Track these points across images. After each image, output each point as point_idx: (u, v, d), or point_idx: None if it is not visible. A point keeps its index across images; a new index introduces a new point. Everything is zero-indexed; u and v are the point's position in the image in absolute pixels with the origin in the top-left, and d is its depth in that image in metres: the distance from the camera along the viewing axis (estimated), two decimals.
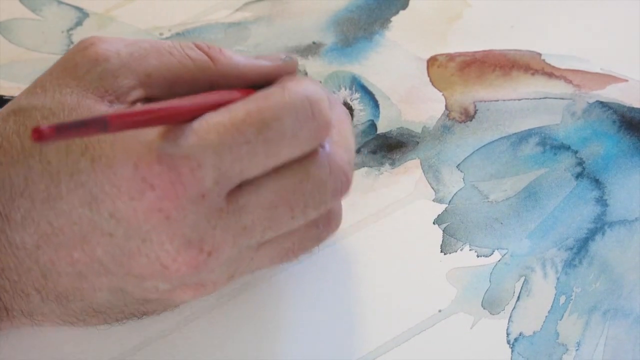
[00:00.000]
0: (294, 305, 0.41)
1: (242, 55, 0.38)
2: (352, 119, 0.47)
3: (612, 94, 0.48)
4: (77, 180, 0.33)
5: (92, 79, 0.35)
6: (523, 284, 0.42)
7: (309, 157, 0.36)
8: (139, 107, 0.34)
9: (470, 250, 0.43)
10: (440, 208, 0.45)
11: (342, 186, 0.37)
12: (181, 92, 0.36)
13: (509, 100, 0.48)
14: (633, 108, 0.48)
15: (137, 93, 0.36)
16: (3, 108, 0.37)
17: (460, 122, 0.47)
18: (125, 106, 0.35)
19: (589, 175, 0.45)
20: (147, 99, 0.36)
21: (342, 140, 0.38)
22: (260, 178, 0.35)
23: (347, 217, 0.41)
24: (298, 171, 0.36)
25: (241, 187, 0.35)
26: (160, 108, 0.33)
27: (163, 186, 0.33)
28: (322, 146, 0.37)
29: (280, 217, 0.36)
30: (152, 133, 0.33)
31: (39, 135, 0.28)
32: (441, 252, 0.43)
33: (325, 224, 0.39)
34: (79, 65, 0.36)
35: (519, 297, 0.42)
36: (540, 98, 0.48)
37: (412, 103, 0.48)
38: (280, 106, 0.35)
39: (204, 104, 0.35)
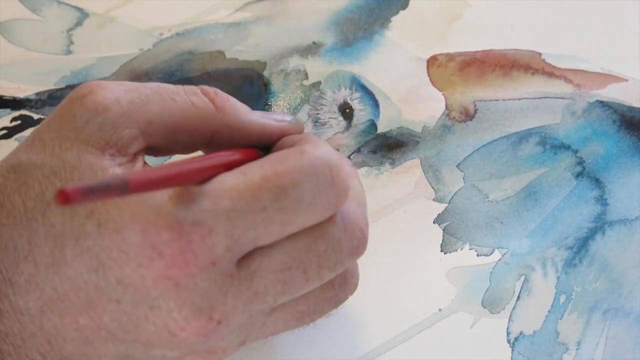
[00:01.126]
0: None
1: (248, 109, 0.36)
2: (352, 118, 0.47)
3: (612, 93, 0.48)
4: (82, 245, 0.32)
5: (92, 130, 0.33)
6: (523, 283, 0.42)
7: None
8: (157, 168, 0.32)
9: (470, 249, 0.43)
10: (440, 207, 0.44)
11: (359, 244, 0.35)
12: (183, 140, 0.35)
13: (509, 99, 0.48)
14: (633, 107, 0.48)
15: (139, 144, 0.34)
16: (1, 163, 0.35)
17: (460, 122, 0.47)
18: (127, 159, 0.34)
19: (589, 175, 0.45)
20: (148, 148, 0.35)
21: (355, 195, 0.36)
22: (272, 242, 0.33)
23: None
24: (311, 230, 0.34)
25: (252, 252, 0.33)
26: (177, 169, 0.31)
27: (172, 254, 0.31)
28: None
29: (293, 280, 0.34)
30: (161, 196, 0.32)
31: (64, 198, 0.27)
32: (441, 251, 0.43)
33: (341, 284, 0.36)
34: (77, 115, 0.34)
35: (519, 297, 0.42)
36: (540, 98, 0.48)
37: (412, 103, 0.48)
38: (299, 171, 0.33)
39: (219, 163, 0.33)
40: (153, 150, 0.35)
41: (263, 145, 0.37)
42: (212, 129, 0.35)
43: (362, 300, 0.41)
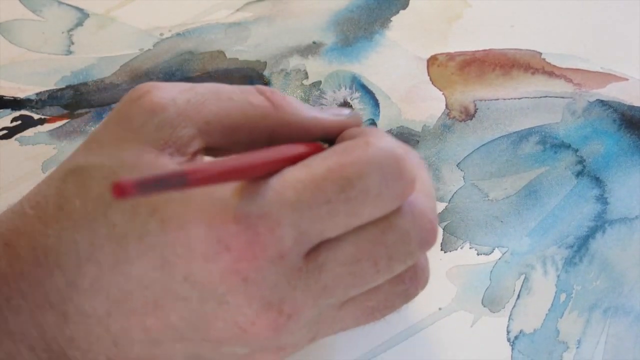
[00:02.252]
0: None
1: (305, 105, 0.36)
2: None
3: (612, 92, 0.48)
4: (146, 243, 0.31)
5: (150, 131, 0.33)
6: (523, 282, 0.42)
7: None
8: (217, 161, 0.31)
9: (470, 248, 0.43)
10: (440, 206, 0.44)
11: (429, 235, 0.34)
12: (241, 139, 0.34)
13: (509, 99, 0.48)
14: (633, 107, 0.48)
15: (197, 143, 0.33)
16: (59, 167, 0.34)
17: (461, 121, 0.47)
18: (186, 158, 0.33)
19: (589, 174, 0.45)
20: (207, 148, 0.34)
21: (423, 187, 0.35)
22: (339, 235, 0.33)
23: None
24: (379, 222, 0.33)
25: (319, 245, 0.32)
26: (238, 163, 0.31)
27: (240, 247, 0.31)
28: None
29: (363, 272, 0.33)
30: (225, 191, 0.32)
31: (120, 190, 0.26)
32: (441, 250, 0.43)
33: (411, 278, 0.35)
34: (135, 116, 0.33)
35: (519, 295, 0.42)
36: (540, 97, 0.48)
37: (412, 102, 0.48)
38: (365, 162, 0.32)
39: (282, 157, 0.33)
40: (212, 150, 0.35)
41: (324, 140, 0.36)
42: (271, 127, 0.35)
43: None
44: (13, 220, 0.34)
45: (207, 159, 0.35)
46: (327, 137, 0.36)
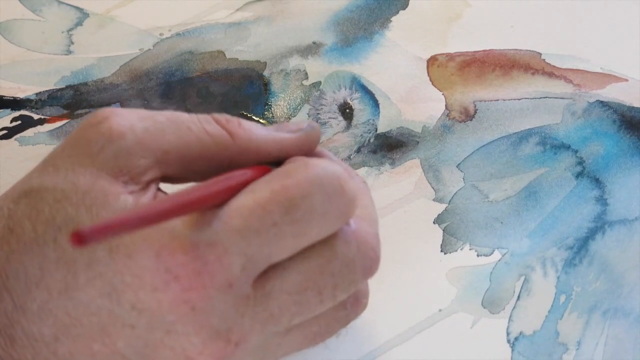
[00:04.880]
0: None
1: (262, 128, 0.36)
2: (352, 118, 0.47)
3: (612, 93, 0.48)
4: (95, 270, 0.31)
5: (107, 158, 0.33)
6: (523, 283, 0.42)
7: (334, 235, 0.34)
8: (167, 198, 0.31)
9: (470, 249, 0.43)
10: (440, 207, 0.44)
11: (372, 263, 0.35)
12: (199, 169, 0.34)
13: (509, 99, 0.48)
14: (633, 107, 0.48)
15: (153, 172, 0.34)
16: (13, 188, 0.34)
17: (460, 122, 0.47)
18: (140, 187, 0.33)
19: (589, 175, 0.45)
20: (164, 177, 0.34)
21: (365, 213, 0.36)
22: (286, 261, 0.33)
23: None
24: (324, 250, 0.34)
25: (267, 272, 0.33)
26: (188, 198, 0.31)
27: (188, 276, 0.31)
28: (347, 223, 0.35)
29: (308, 301, 0.34)
30: (173, 221, 0.32)
31: (79, 239, 0.26)
32: (441, 251, 0.43)
33: (353, 304, 0.36)
34: (92, 142, 0.33)
35: (519, 297, 0.42)
36: (540, 98, 0.48)
37: (412, 103, 0.48)
38: (307, 182, 0.33)
39: (230, 186, 0.33)
40: (168, 178, 0.35)
41: (279, 161, 0.36)
42: (229, 156, 0.35)
43: None
44: None
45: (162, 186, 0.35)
46: (286, 157, 0.36)
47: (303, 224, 0.32)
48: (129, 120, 0.33)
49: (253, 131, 0.35)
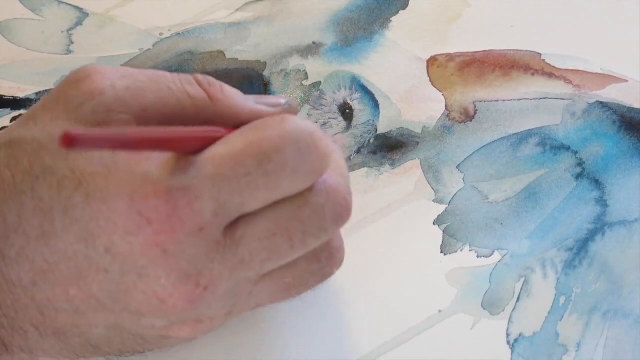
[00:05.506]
0: (294, 304, 0.41)
1: (242, 96, 0.36)
2: (352, 119, 0.47)
3: (612, 94, 0.48)
4: (71, 216, 0.32)
5: (86, 112, 0.34)
6: (523, 284, 0.42)
7: None
8: (158, 129, 0.33)
9: (470, 250, 0.43)
10: (440, 208, 0.45)
11: (342, 211, 0.36)
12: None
13: (508, 100, 0.48)
14: (633, 108, 0.48)
15: None
16: None
17: (460, 123, 0.47)
18: None
19: (589, 176, 0.45)
20: None
21: (336, 167, 0.37)
22: (257, 210, 0.34)
23: None
24: (295, 198, 0.35)
25: (238, 219, 0.34)
26: (173, 133, 0.32)
27: (160, 220, 0.32)
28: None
29: (278, 247, 0.34)
30: (146, 165, 0.32)
31: (68, 141, 0.27)
32: (441, 252, 0.43)
33: (327, 258, 0.37)
34: (73, 98, 0.34)
35: (519, 298, 0.42)
36: (540, 98, 0.48)
37: (412, 103, 0.48)
38: (281, 137, 0.33)
39: (211, 136, 0.34)
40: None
41: None
42: (206, 118, 0.35)
43: (362, 301, 0.42)
44: None
45: None
46: None
47: (275, 176, 0.33)
48: (110, 78, 0.34)
49: (234, 98, 0.36)
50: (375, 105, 0.48)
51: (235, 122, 0.36)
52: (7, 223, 0.33)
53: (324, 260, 0.37)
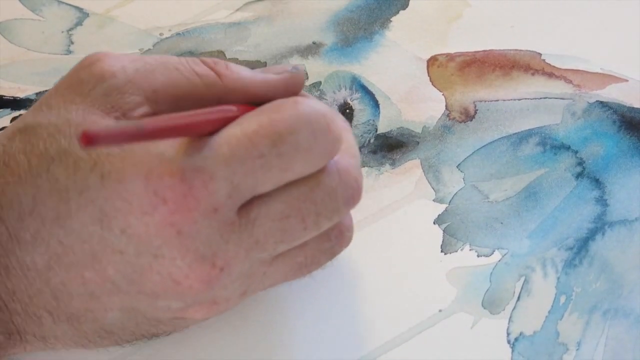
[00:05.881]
0: (294, 304, 0.41)
1: (248, 70, 0.37)
2: (353, 119, 0.47)
3: (612, 93, 0.48)
4: (86, 197, 0.33)
5: (98, 95, 0.34)
6: (523, 283, 0.42)
7: None
8: (170, 116, 0.33)
9: (470, 250, 0.43)
10: (440, 208, 0.44)
11: (354, 192, 0.36)
12: (187, 109, 0.35)
13: (509, 100, 0.48)
14: (633, 108, 0.48)
15: (143, 109, 0.35)
16: (10, 126, 0.36)
17: (461, 122, 0.47)
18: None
19: (589, 175, 0.45)
20: (153, 114, 0.35)
21: (348, 148, 0.37)
22: (270, 191, 0.34)
23: None
24: (308, 180, 0.35)
25: (252, 200, 0.34)
26: (189, 119, 0.33)
27: (175, 199, 0.32)
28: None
29: (292, 228, 0.35)
30: (162, 146, 0.33)
31: (88, 140, 0.28)
32: (441, 252, 0.43)
33: (337, 236, 0.38)
34: (85, 81, 0.35)
35: (519, 297, 0.42)
36: (540, 98, 0.48)
37: (412, 103, 0.48)
38: (295, 118, 0.34)
39: (224, 116, 0.34)
40: (159, 114, 0.36)
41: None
42: (217, 95, 0.36)
43: (363, 300, 0.42)
44: None
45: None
46: (273, 98, 0.37)
47: (288, 158, 0.33)
48: (120, 61, 0.35)
49: (240, 72, 0.36)
50: (376, 105, 0.48)
51: (245, 96, 0.36)
52: (22, 206, 0.33)
53: (334, 239, 0.38)
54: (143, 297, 0.34)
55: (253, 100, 0.36)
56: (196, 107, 0.35)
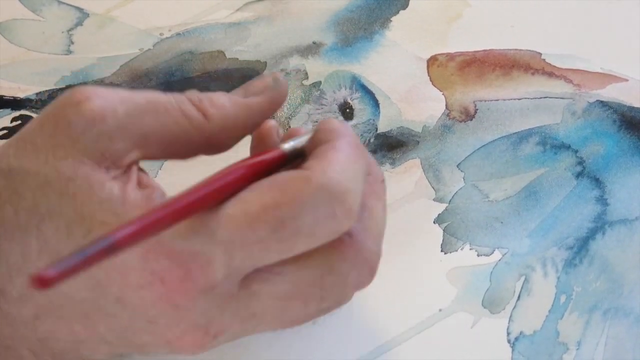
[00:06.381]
0: None
1: (230, 99, 0.36)
2: (353, 118, 0.47)
3: (612, 93, 0.48)
4: None
5: (88, 141, 0.32)
6: (523, 283, 0.42)
7: (333, 246, 0.34)
8: (146, 215, 0.30)
9: (470, 249, 0.43)
10: (440, 207, 0.44)
11: (365, 280, 0.35)
12: (176, 149, 0.35)
13: (509, 99, 0.48)
14: (633, 107, 0.48)
15: (133, 155, 0.33)
16: None
17: (461, 122, 0.47)
18: (121, 170, 0.33)
19: (589, 175, 0.45)
20: (144, 158, 0.34)
21: (372, 225, 0.35)
22: (278, 265, 0.33)
23: None
24: (320, 263, 0.34)
25: (257, 271, 0.33)
26: (165, 211, 0.31)
27: (172, 280, 0.32)
28: (350, 234, 0.34)
29: (292, 308, 0.34)
30: None
31: (41, 282, 0.25)
32: (441, 251, 0.43)
33: (336, 301, 0.36)
34: (73, 123, 0.33)
35: (519, 297, 0.42)
36: (540, 97, 0.48)
37: (412, 102, 0.48)
38: (299, 203, 0.32)
39: (216, 190, 0.33)
40: (148, 158, 0.35)
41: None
42: (206, 136, 0.35)
43: (362, 300, 0.41)
44: None
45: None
46: (263, 119, 0.37)
47: (289, 242, 0.32)
48: (110, 102, 0.33)
49: (225, 107, 0.35)
50: (376, 104, 0.48)
51: (235, 130, 0.35)
52: (10, 263, 0.32)
53: (333, 305, 0.36)
54: (134, 348, 0.34)
55: (243, 130, 0.36)
56: (186, 146, 0.34)
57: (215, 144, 0.35)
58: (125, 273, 0.32)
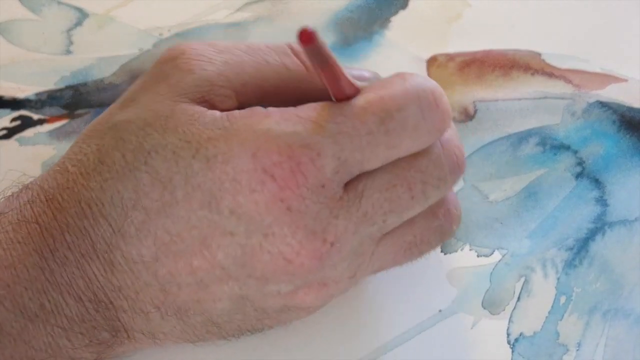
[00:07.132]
0: None
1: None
2: None
3: (612, 93, 0.48)
4: (193, 184, 0.33)
5: (187, 85, 0.34)
6: (523, 284, 0.42)
7: None
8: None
9: (470, 250, 0.43)
10: None
11: (459, 161, 0.36)
12: (274, 101, 0.35)
13: (508, 100, 0.48)
14: (633, 108, 0.48)
15: (232, 102, 0.35)
16: (96, 127, 0.36)
17: (460, 122, 0.47)
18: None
19: (589, 175, 0.45)
20: (240, 107, 0.35)
21: (453, 132, 0.37)
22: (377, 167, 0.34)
23: None
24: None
25: (359, 176, 0.34)
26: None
27: (284, 176, 0.32)
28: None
29: (399, 197, 0.35)
30: (267, 123, 0.33)
31: (307, 37, 0.28)
32: (441, 252, 0.43)
33: (445, 214, 0.38)
34: (171, 74, 0.35)
35: (519, 298, 0.42)
36: (540, 98, 0.48)
37: None
38: (403, 95, 0.34)
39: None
40: (246, 107, 0.35)
41: None
42: (305, 90, 0.36)
43: (362, 301, 0.42)
44: (55, 178, 0.35)
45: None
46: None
47: (396, 134, 0.33)
48: (206, 53, 0.35)
49: None
50: None
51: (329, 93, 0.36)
52: (124, 200, 0.33)
53: (442, 217, 0.37)
54: (252, 282, 0.34)
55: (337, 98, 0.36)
56: (282, 97, 0.35)
57: (312, 95, 0.36)
58: (237, 179, 0.32)
